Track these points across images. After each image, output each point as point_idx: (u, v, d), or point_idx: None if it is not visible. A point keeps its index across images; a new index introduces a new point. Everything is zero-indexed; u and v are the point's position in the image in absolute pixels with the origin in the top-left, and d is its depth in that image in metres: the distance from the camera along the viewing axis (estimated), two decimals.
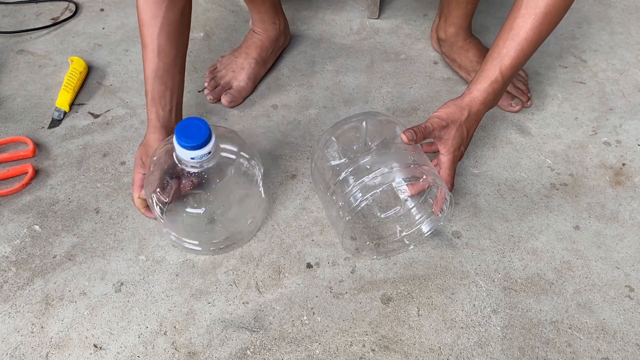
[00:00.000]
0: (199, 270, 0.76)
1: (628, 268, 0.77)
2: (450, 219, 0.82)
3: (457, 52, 1.00)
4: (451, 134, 0.73)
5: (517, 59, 0.73)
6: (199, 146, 0.63)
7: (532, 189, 0.86)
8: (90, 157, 0.89)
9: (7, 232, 0.79)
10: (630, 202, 0.85)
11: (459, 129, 0.73)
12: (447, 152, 0.74)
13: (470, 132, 0.76)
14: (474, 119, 0.75)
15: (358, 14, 1.17)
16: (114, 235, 0.79)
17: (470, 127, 0.75)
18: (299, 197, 0.84)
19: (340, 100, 0.99)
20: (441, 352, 0.68)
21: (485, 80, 0.74)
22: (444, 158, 0.74)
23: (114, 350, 0.68)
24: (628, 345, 0.70)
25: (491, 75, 0.73)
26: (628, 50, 1.10)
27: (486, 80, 0.74)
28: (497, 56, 0.73)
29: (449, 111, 0.74)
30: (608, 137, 0.94)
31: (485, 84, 0.74)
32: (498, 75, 0.73)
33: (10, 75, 1.02)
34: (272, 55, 1.03)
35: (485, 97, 0.74)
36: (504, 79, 0.74)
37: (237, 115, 0.96)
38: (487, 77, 0.74)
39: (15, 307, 0.72)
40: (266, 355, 0.68)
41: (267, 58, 1.01)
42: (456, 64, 1.02)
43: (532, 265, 0.77)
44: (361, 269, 0.76)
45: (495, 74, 0.73)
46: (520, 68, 0.75)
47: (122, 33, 1.12)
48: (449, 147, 0.74)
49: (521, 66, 0.75)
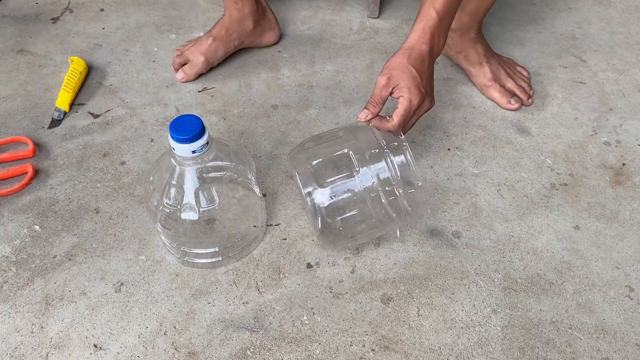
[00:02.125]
0: (199, 270, 0.76)
1: (628, 268, 0.77)
2: (450, 219, 0.82)
3: (467, 44, 1.00)
4: (399, 78, 0.74)
5: None
6: (197, 136, 0.63)
7: (532, 189, 0.86)
8: (90, 157, 0.89)
9: (7, 232, 0.79)
10: (630, 202, 0.85)
11: (404, 70, 0.74)
12: (403, 93, 0.74)
13: (421, 71, 0.76)
14: (418, 58, 0.76)
15: (358, 14, 1.17)
16: (114, 235, 0.79)
17: (418, 66, 0.75)
18: (299, 197, 0.84)
19: (340, 100, 0.99)
20: (441, 352, 0.68)
21: (420, 20, 0.77)
22: (401, 99, 0.75)
23: (114, 350, 0.68)
24: (628, 345, 0.70)
25: (425, 14, 0.76)
26: (628, 50, 1.10)
27: (421, 20, 0.77)
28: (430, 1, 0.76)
29: (389, 62, 0.77)
30: (608, 137, 0.94)
31: (421, 23, 0.77)
32: (432, 12, 0.76)
33: (10, 75, 1.02)
34: (236, 38, 1.03)
35: (423, 34, 0.76)
36: (440, 16, 0.76)
37: (237, 116, 0.96)
38: (422, 17, 0.77)
39: (15, 307, 0.72)
40: (266, 355, 0.68)
41: (228, 39, 1.03)
42: (462, 55, 1.01)
43: (532, 265, 0.77)
44: (361, 269, 0.76)
45: (429, 11, 0.76)
46: (456, 5, 0.78)
47: (122, 33, 1.12)
48: (402, 89, 0.74)
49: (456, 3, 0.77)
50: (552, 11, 1.19)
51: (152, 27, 1.14)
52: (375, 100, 0.75)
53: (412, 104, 0.74)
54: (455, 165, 0.89)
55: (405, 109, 0.74)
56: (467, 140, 0.93)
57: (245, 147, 0.91)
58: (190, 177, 0.68)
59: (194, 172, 0.68)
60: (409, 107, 0.74)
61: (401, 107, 0.74)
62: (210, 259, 0.75)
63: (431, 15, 0.76)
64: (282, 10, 1.17)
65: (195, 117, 0.64)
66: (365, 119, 0.75)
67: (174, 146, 0.64)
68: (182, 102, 0.99)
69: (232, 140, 0.92)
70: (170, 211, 0.69)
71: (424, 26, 0.76)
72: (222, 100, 0.99)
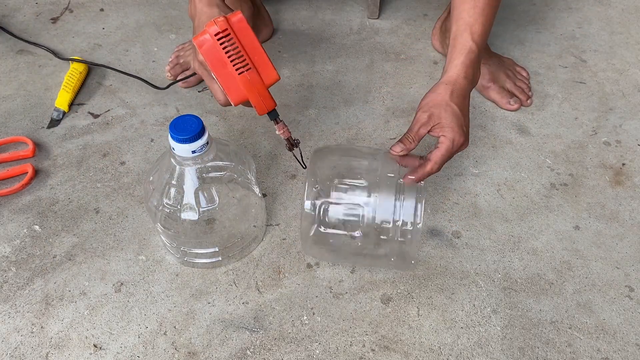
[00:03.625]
0: (199, 270, 0.76)
1: (628, 268, 0.77)
2: (450, 219, 0.82)
3: None
4: (441, 117, 0.69)
5: (485, 25, 0.72)
6: (197, 136, 0.63)
7: (532, 189, 0.86)
8: (90, 157, 0.89)
9: (7, 232, 0.79)
10: (630, 202, 0.85)
11: (446, 108, 0.69)
12: (445, 132, 0.69)
13: (462, 109, 0.71)
14: (460, 94, 0.71)
15: (358, 14, 1.17)
16: (114, 235, 0.79)
17: (460, 103, 0.71)
18: (299, 197, 0.84)
19: (340, 100, 0.99)
20: (441, 352, 0.68)
21: (460, 54, 0.72)
22: (443, 139, 0.69)
23: (113, 350, 0.68)
24: (628, 345, 0.70)
25: (466, 46, 0.72)
26: (628, 50, 1.10)
27: (462, 53, 0.72)
28: (466, 26, 0.72)
29: (429, 99, 0.71)
30: (608, 137, 0.94)
31: (461, 57, 0.72)
32: (472, 44, 0.72)
33: (10, 75, 1.02)
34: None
35: (466, 70, 0.72)
36: (479, 48, 0.72)
37: (237, 116, 0.96)
38: (462, 50, 0.72)
39: (15, 307, 0.72)
40: (266, 355, 0.68)
41: None
42: None
43: (532, 265, 0.77)
44: (361, 269, 0.76)
45: (469, 44, 0.72)
46: (489, 33, 0.75)
47: (122, 33, 1.12)
48: (445, 128, 0.69)
49: (489, 31, 0.74)
50: (552, 11, 1.19)
51: (152, 27, 1.14)
52: (412, 137, 0.69)
53: (454, 145, 0.69)
54: (455, 165, 0.89)
55: (448, 150, 0.68)
56: None
57: (245, 147, 0.91)
58: (190, 177, 0.68)
59: (193, 172, 0.68)
60: (452, 148, 0.68)
61: (443, 147, 0.68)
62: (210, 259, 0.75)
63: (472, 48, 0.71)
64: (282, 10, 1.17)
65: (195, 117, 0.64)
66: (399, 154, 0.69)
67: (174, 146, 0.64)
68: (182, 102, 0.98)
69: (232, 140, 0.92)
70: (170, 211, 0.69)
71: (465, 60, 0.71)
72: None
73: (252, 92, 0.62)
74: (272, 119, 0.66)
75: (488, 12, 0.73)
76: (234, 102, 0.64)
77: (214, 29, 0.59)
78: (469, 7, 0.73)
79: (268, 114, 0.65)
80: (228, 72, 0.61)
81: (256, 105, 0.64)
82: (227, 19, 0.60)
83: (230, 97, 0.63)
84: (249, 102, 0.65)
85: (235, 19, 0.60)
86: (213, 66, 0.61)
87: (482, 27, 0.73)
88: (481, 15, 0.73)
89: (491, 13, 0.74)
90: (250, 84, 0.62)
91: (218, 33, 0.60)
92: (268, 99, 0.64)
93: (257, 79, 0.62)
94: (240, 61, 0.61)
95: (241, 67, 0.61)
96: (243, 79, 0.61)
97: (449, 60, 0.73)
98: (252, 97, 0.63)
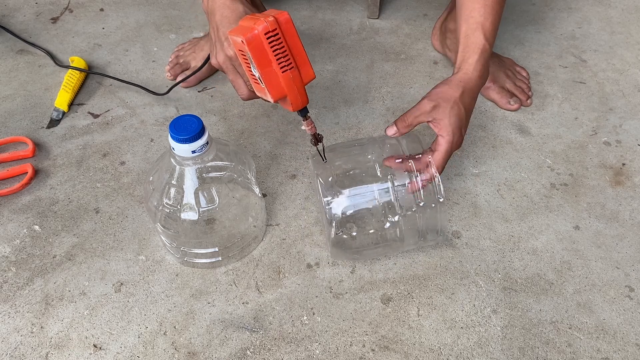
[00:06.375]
0: (198, 270, 0.76)
1: (628, 268, 0.77)
2: (450, 219, 0.82)
3: None
4: (446, 113, 0.67)
5: (495, 23, 0.72)
6: (197, 136, 0.64)
7: (532, 189, 0.86)
8: (90, 157, 0.89)
9: (7, 232, 0.79)
10: (630, 202, 0.85)
11: (454, 106, 0.68)
12: (445, 133, 0.68)
13: (468, 110, 0.70)
14: (470, 95, 0.70)
15: (358, 14, 1.17)
16: (114, 235, 0.79)
17: (468, 105, 0.70)
18: (299, 197, 0.84)
19: (340, 100, 0.99)
20: (441, 352, 0.68)
21: (474, 52, 0.70)
22: (442, 140, 0.68)
23: (113, 351, 0.68)
24: (628, 345, 0.70)
25: (479, 45, 0.71)
26: (628, 50, 1.10)
27: (476, 51, 0.70)
28: (477, 25, 0.71)
29: (439, 90, 0.69)
30: (608, 137, 0.94)
31: (476, 55, 0.70)
32: (485, 43, 0.71)
33: (10, 75, 1.02)
34: None
35: (481, 69, 0.71)
36: (491, 45, 0.72)
37: (237, 116, 0.96)
38: (475, 48, 0.70)
39: (15, 307, 0.72)
40: (266, 355, 0.68)
41: None
42: None
43: (532, 265, 0.77)
44: (361, 269, 0.76)
45: (482, 42, 0.71)
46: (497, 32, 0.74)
47: (122, 33, 1.12)
48: (446, 127, 0.68)
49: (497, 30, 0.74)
50: (552, 11, 1.19)
51: (152, 27, 1.14)
52: (409, 120, 0.69)
53: (452, 147, 0.69)
54: (455, 165, 0.89)
55: (447, 152, 0.68)
56: (467, 140, 0.93)
57: (245, 147, 0.91)
58: (190, 177, 0.68)
59: (193, 172, 0.68)
60: (450, 150, 0.69)
61: (442, 149, 0.68)
62: (210, 259, 0.75)
63: (485, 46, 0.71)
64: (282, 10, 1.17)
65: (195, 117, 0.64)
66: (392, 136, 0.70)
67: (174, 146, 0.64)
68: (182, 102, 0.99)
69: (232, 140, 0.92)
70: (170, 211, 0.69)
71: (480, 59, 0.70)
72: (222, 100, 0.99)
73: (291, 89, 0.65)
74: (302, 115, 0.68)
75: (497, 11, 0.73)
76: (273, 98, 0.65)
77: (265, 27, 0.61)
78: (479, 5, 0.72)
79: (299, 111, 0.67)
80: (272, 70, 0.63)
81: (293, 102, 0.66)
82: (276, 18, 0.61)
83: (271, 92, 0.65)
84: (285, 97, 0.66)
85: (283, 19, 0.62)
86: (258, 63, 0.63)
87: (493, 25, 0.72)
88: (491, 13, 0.72)
89: (500, 12, 0.74)
90: (291, 81, 0.64)
91: (268, 32, 0.61)
92: (304, 95, 0.66)
93: (297, 77, 0.64)
94: (285, 60, 0.63)
95: (285, 65, 0.63)
96: (286, 77, 0.63)
97: (462, 59, 0.72)
98: (291, 94, 0.65)
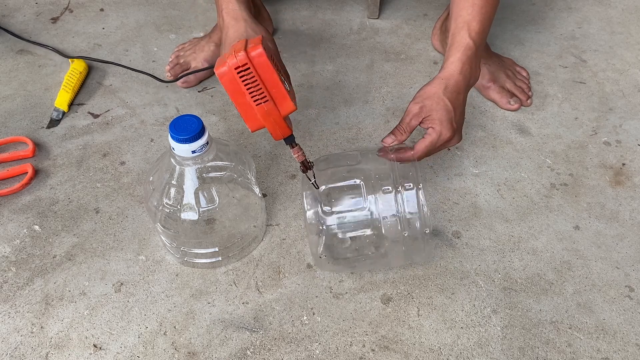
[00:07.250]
0: (198, 270, 0.76)
1: (628, 268, 0.77)
2: (450, 219, 0.82)
3: None
4: (432, 108, 0.70)
5: (483, 23, 0.73)
6: (197, 136, 0.64)
7: (532, 189, 0.86)
8: (90, 157, 0.89)
9: (7, 232, 0.79)
10: (630, 202, 0.85)
11: (439, 101, 0.71)
12: (433, 125, 0.71)
13: (455, 105, 0.72)
14: (454, 90, 0.72)
15: (358, 14, 1.17)
16: (114, 235, 0.79)
17: (453, 99, 0.71)
18: (299, 197, 0.84)
19: (340, 100, 0.99)
20: (441, 352, 0.68)
21: (457, 50, 0.73)
22: (430, 131, 0.71)
23: (113, 350, 0.68)
24: (628, 345, 0.70)
25: (463, 43, 0.72)
26: (628, 50, 1.10)
27: (459, 49, 0.72)
28: (464, 24, 0.73)
29: (423, 91, 0.73)
30: (608, 137, 0.94)
31: (458, 53, 0.72)
32: (469, 42, 0.73)
33: (10, 75, 1.02)
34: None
35: (462, 66, 0.72)
36: (476, 45, 0.73)
37: (237, 115, 0.96)
38: (459, 46, 0.73)
39: (15, 307, 0.72)
40: (266, 355, 0.68)
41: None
42: None
43: (532, 265, 0.77)
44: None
45: (466, 41, 0.73)
46: (487, 31, 0.75)
47: (122, 33, 1.12)
48: (434, 120, 0.71)
49: (488, 29, 0.75)
50: (552, 11, 1.19)
51: (152, 27, 1.14)
52: (404, 127, 0.72)
53: (440, 138, 0.71)
54: (455, 165, 0.89)
55: (432, 142, 0.71)
56: (467, 140, 0.93)
57: (245, 147, 0.91)
58: (190, 177, 0.68)
59: (193, 172, 0.68)
60: (436, 141, 0.71)
61: (428, 138, 0.71)
62: (210, 259, 0.75)
63: (469, 45, 0.72)
64: (282, 10, 1.17)
65: (195, 117, 0.65)
66: (390, 145, 0.71)
67: (174, 146, 0.64)
68: (182, 102, 0.98)
69: (232, 140, 0.92)
70: (170, 211, 0.69)
71: (462, 57, 0.72)
72: (222, 100, 0.99)
73: (268, 121, 0.65)
74: (287, 143, 0.69)
75: (486, 11, 0.74)
76: (251, 129, 0.66)
77: (234, 63, 0.61)
78: (467, 5, 0.74)
79: (284, 139, 0.68)
80: (246, 102, 0.63)
81: (272, 132, 0.67)
82: (247, 52, 0.61)
83: (248, 124, 0.66)
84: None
85: (255, 54, 0.61)
86: (232, 96, 0.63)
87: (480, 25, 0.74)
88: (479, 13, 0.73)
89: (490, 12, 0.75)
90: (266, 114, 0.64)
91: (238, 67, 0.61)
92: (284, 127, 0.66)
93: (273, 110, 0.64)
94: (258, 93, 0.63)
95: (259, 98, 0.63)
96: (260, 110, 0.64)
97: (446, 57, 0.74)
98: (269, 126, 0.65)
